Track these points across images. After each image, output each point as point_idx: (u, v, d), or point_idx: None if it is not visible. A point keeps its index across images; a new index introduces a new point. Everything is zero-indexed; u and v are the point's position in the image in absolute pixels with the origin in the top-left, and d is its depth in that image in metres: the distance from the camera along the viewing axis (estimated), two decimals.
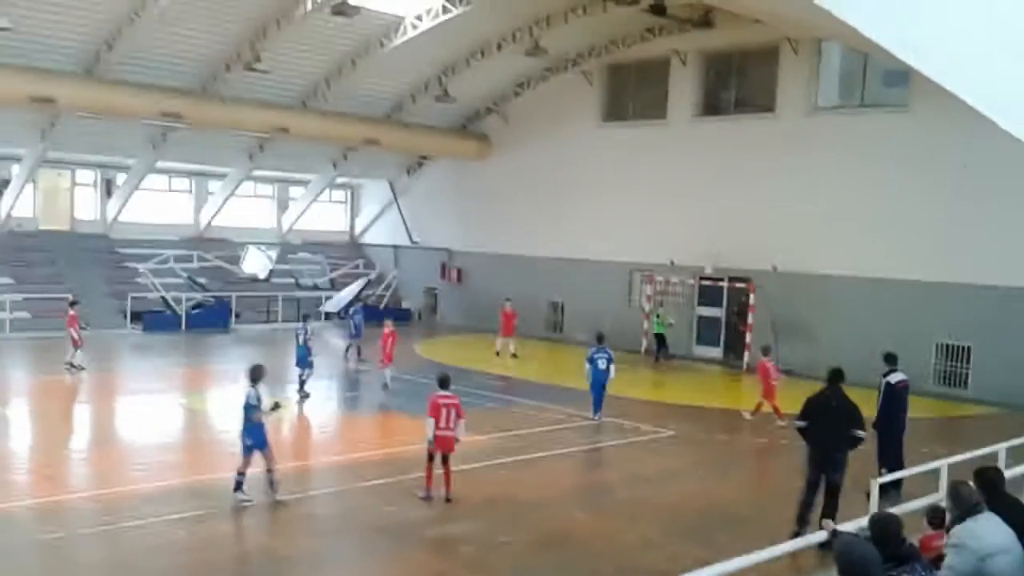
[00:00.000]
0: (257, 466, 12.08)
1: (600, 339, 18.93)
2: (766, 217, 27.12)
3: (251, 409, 12.04)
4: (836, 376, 11.62)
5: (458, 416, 12.47)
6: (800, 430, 11.58)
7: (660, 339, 28.10)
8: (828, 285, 25.82)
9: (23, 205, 32.32)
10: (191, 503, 11.65)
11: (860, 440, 11.31)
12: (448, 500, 12.35)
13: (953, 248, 23.50)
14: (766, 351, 20.07)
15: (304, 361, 20.19)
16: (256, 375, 12.39)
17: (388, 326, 21.50)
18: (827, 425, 11.23)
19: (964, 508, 6.63)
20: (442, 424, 12.31)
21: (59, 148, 30.44)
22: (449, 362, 27.09)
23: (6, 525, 10.99)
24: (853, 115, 26.03)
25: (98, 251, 33.41)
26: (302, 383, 19.98)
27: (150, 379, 20.90)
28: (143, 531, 11.01)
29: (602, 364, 18.40)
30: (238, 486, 11.96)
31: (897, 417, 13.58)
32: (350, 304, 30.12)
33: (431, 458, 12.48)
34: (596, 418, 18.41)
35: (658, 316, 28.51)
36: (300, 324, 21.36)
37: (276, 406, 12.63)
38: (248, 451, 12.07)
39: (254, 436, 12.05)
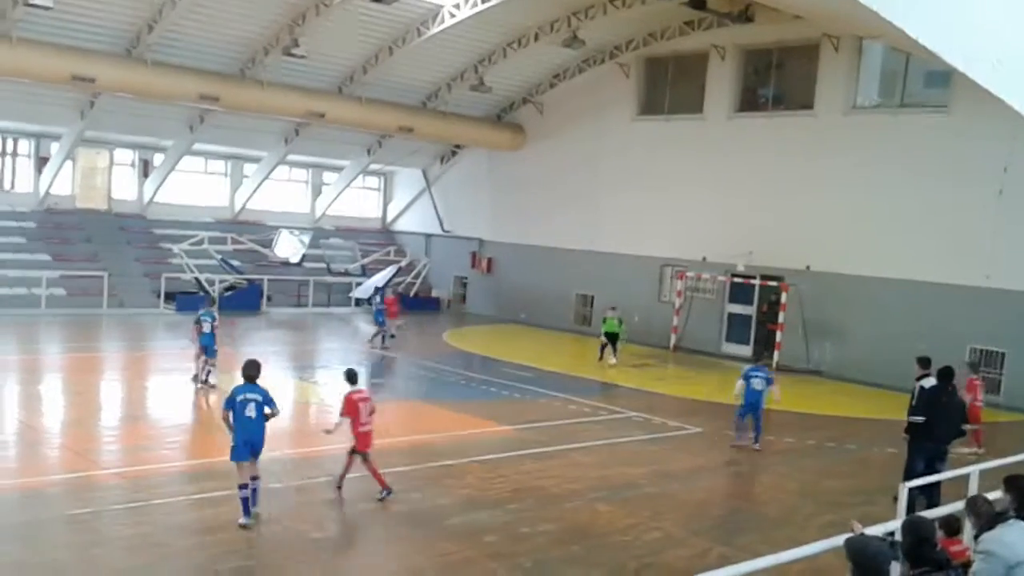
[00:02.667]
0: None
1: (759, 356, 17.04)
2: (801, 216, 26.90)
3: (251, 405, 10.77)
4: (947, 374, 12.68)
5: (371, 411, 11.96)
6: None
7: (612, 338, 26.23)
8: (862, 286, 25.58)
9: (61, 183, 32.74)
10: (219, 483, 11.75)
11: (965, 433, 12.98)
12: (382, 499, 11.76)
13: (991, 252, 23.17)
14: (974, 367, 17.40)
15: (210, 350, 18.59)
16: (252, 372, 11.03)
17: (390, 294, 22.76)
18: (941, 419, 12.32)
19: (983, 520, 6.57)
20: (363, 420, 11.79)
21: (98, 128, 30.84)
22: (477, 352, 27.21)
23: (37, 500, 11.17)
24: (892, 115, 25.70)
25: (134, 231, 33.81)
26: (208, 374, 18.62)
27: (182, 359, 21.07)
28: (171, 509, 11.16)
29: (758, 385, 16.13)
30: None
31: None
32: (377, 291, 30.25)
33: (353, 454, 11.88)
34: (756, 445, 16.21)
35: (609, 319, 26.50)
36: (204, 309, 19.47)
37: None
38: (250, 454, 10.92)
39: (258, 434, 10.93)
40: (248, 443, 10.73)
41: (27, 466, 12.67)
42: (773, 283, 27.51)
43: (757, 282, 28.13)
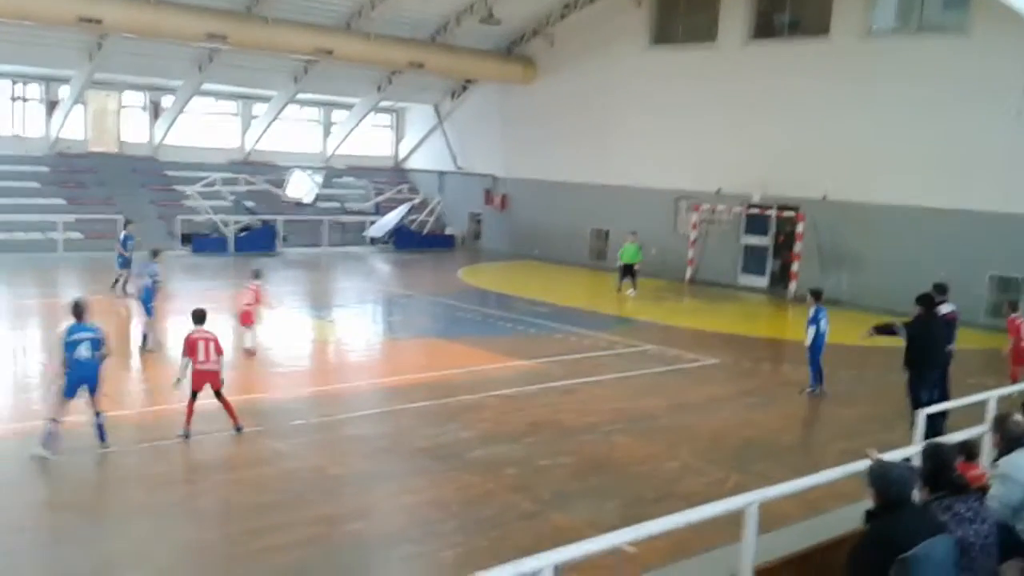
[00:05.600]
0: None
1: (818, 295, 15.61)
2: (817, 144, 26.59)
3: (86, 344, 10.68)
4: (926, 300, 12.77)
5: (218, 351, 11.61)
6: (909, 355, 12.72)
7: (628, 269, 26.24)
8: (880, 214, 25.38)
9: (73, 127, 32.66)
10: (243, 422, 11.88)
11: (952, 355, 13.32)
12: (239, 430, 11.63)
13: (1011, 178, 22.91)
14: (1014, 306, 16.34)
15: (147, 308, 17.34)
16: (80, 311, 10.91)
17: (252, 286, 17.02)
18: (929, 346, 12.57)
19: (1010, 439, 6.60)
20: (201, 359, 11.49)
21: (106, 70, 30.66)
22: (492, 288, 27.27)
23: (64, 439, 11.32)
24: (910, 39, 25.22)
25: (146, 173, 33.81)
26: (145, 337, 17.18)
27: (202, 300, 21.16)
28: (195, 447, 11.32)
29: (824, 325, 15.24)
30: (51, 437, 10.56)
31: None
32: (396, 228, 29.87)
33: (194, 396, 11.49)
34: (815, 390, 15.47)
35: (627, 246, 26.48)
36: (145, 263, 18.17)
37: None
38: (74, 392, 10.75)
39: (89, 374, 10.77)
40: (82, 380, 10.69)
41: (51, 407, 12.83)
42: (789, 213, 27.33)
43: (773, 212, 27.95)
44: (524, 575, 4.36)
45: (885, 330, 12.84)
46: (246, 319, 16.75)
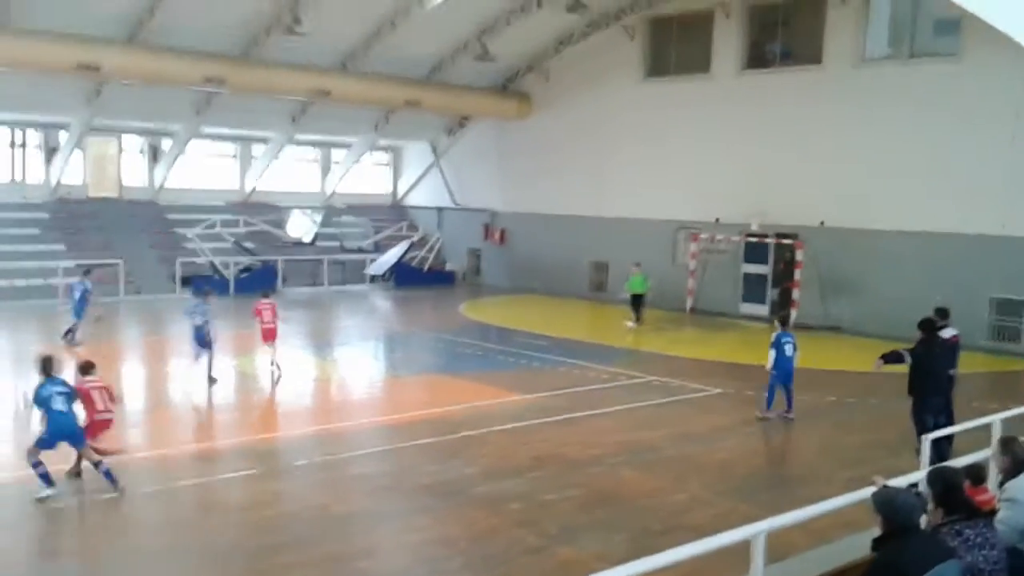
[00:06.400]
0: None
1: (785, 321, 16.39)
2: (813, 172, 26.72)
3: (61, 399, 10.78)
4: (928, 325, 12.84)
5: (111, 398, 11.61)
6: (913, 381, 12.79)
7: (636, 299, 26.66)
8: (878, 240, 25.43)
9: (72, 173, 32.83)
10: (244, 463, 11.87)
11: (954, 379, 13.24)
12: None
13: (1007, 200, 22.98)
14: None
15: (76, 311, 21.08)
16: (49, 368, 11.05)
17: (267, 303, 18.78)
18: (933, 371, 12.60)
19: (1017, 462, 6.56)
20: (100, 408, 11.41)
21: (105, 115, 30.83)
22: (494, 322, 27.26)
23: (65, 484, 11.28)
24: (903, 65, 25.41)
25: (146, 217, 33.91)
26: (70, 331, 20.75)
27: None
28: (199, 490, 11.27)
29: (790, 351, 15.51)
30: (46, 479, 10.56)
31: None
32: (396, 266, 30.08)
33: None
34: (790, 413, 15.60)
35: (633, 277, 26.98)
36: (79, 280, 21.81)
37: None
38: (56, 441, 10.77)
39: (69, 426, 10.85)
40: (63, 436, 10.74)
41: (48, 455, 12.79)
42: (788, 241, 27.39)
43: (772, 241, 28.02)
44: None
45: (893, 358, 12.81)
46: (269, 336, 18.38)
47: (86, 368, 11.88)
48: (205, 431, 15.10)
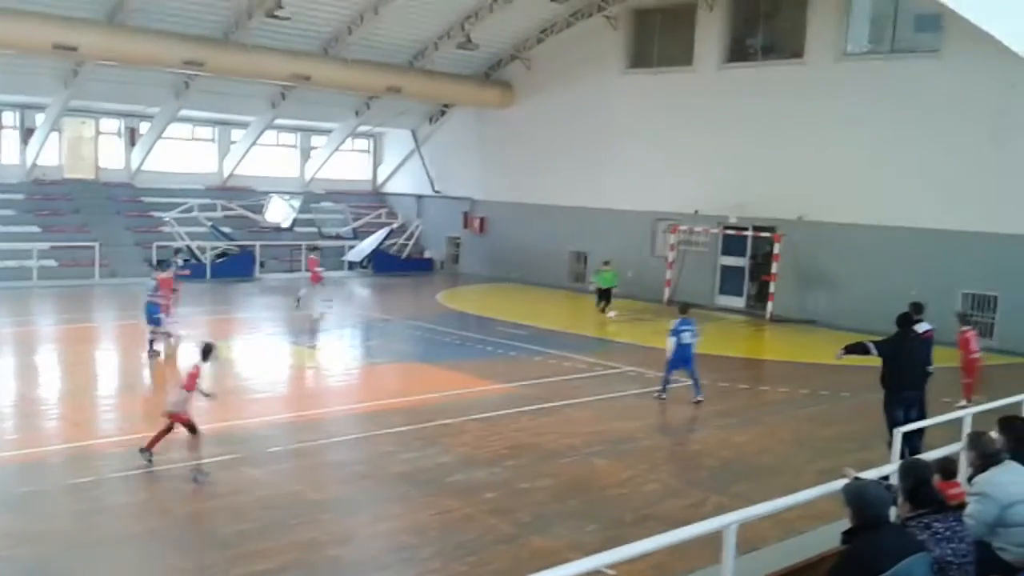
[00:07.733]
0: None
1: (685, 309, 16.90)
2: (793, 165, 26.83)
3: None
4: (904, 320, 12.89)
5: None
6: (886, 375, 12.74)
7: (605, 293, 27.05)
8: (855, 234, 25.58)
9: (48, 154, 32.47)
10: (218, 448, 11.79)
11: (931, 374, 13.10)
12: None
13: (983, 196, 23.18)
14: (964, 319, 17.02)
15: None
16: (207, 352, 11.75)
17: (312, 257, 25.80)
18: (906, 366, 12.59)
19: (986, 457, 6.61)
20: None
21: (82, 97, 30.50)
22: (471, 311, 27.24)
23: (38, 470, 11.20)
24: (884, 61, 25.54)
25: (123, 200, 33.63)
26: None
27: (177, 328, 21.06)
28: (172, 476, 11.19)
29: (687, 338, 16.06)
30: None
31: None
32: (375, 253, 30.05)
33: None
34: (699, 397, 16.13)
35: (603, 272, 27.34)
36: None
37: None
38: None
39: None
40: None
41: (26, 437, 12.69)
42: (766, 234, 27.51)
43: (750, 233, 28.13)
44: None
45: (856, 349, 12.88)
46: (316, 279, 24.78)
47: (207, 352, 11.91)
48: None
